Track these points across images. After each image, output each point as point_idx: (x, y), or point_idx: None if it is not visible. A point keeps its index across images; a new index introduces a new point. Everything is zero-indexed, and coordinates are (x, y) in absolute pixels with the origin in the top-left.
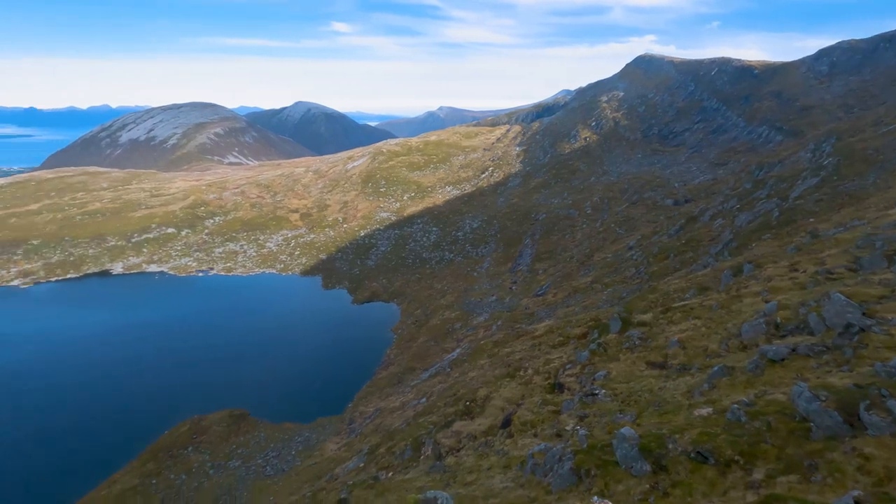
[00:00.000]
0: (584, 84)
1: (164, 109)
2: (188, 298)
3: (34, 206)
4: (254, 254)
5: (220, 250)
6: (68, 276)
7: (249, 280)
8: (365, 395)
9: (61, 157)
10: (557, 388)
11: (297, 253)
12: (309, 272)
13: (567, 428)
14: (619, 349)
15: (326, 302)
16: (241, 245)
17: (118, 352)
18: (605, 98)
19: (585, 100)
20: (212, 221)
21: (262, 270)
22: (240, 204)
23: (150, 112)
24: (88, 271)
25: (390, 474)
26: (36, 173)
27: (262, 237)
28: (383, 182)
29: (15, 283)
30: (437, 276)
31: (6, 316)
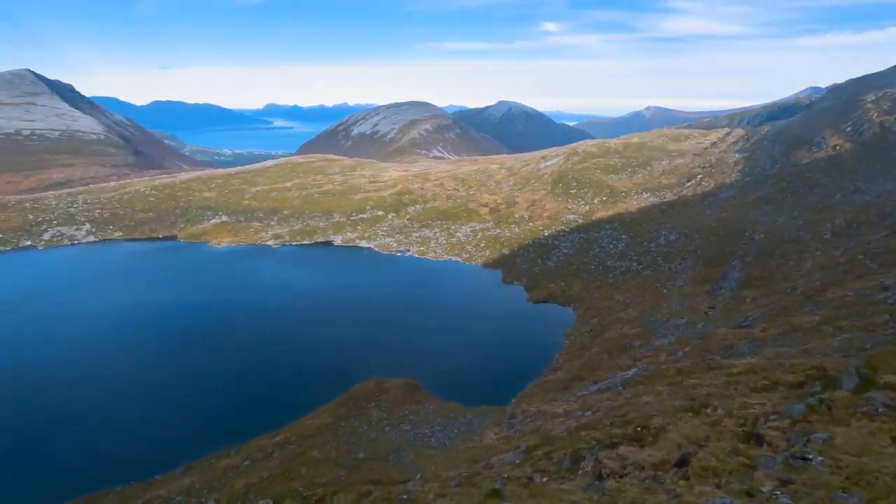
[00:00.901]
0: (841, 80)
1: (387, 107)
2: (387, 272)
3: (288, 184)
4: (444, 241)
5: (417, 235)
6: (304, 242)
7: (438, 264)
8: (529, 394)
9: (309, 146)
10: (754, 438)
11: (482, 245)
12: (490, 265)
13: (763, 489)
14: (852, 412)
15: (503, 295)
16: (435, 232)
17: (329, 306)
18: (871, 97)
19: (842, 99)
20: (413, 208)
21: (449, 257)
22: (438, 195)
23: (376, 110)
24: (318, 240)
25: (545, 479)
26: (291, 158)
27: (453, 227)
28: (574, 183)
29: (269, 242)
30: (620, 286)
31: (266, 267)
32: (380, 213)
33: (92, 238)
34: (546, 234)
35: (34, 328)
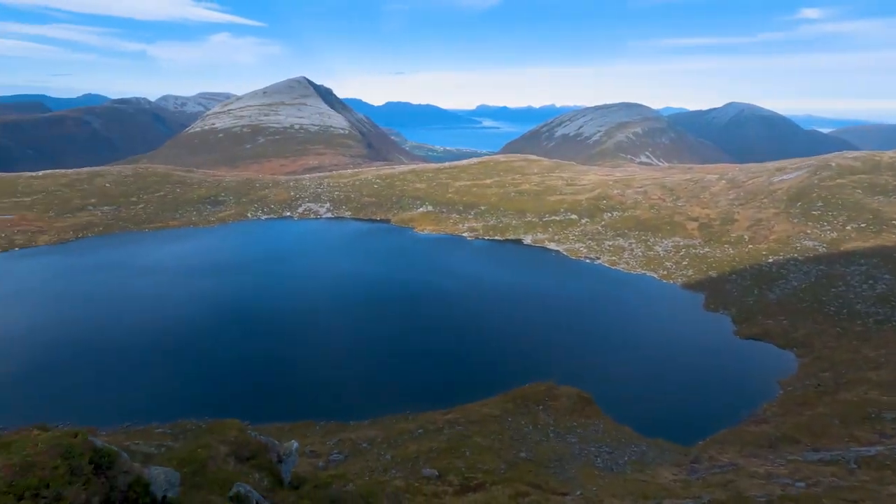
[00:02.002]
0: None
1: (595, 109)
2: (572, 277)
3: (487, 181)
4: (640, 253)
5: (610, 243)
6: (495, 237)
7: (629, 277)
8: (721, 441)
9: (512, 146)
10: None
11: (684, 263)
12: (691, 286)
13: None
14: None
15: (702, 323)
16: (630, 242)
17: (510, 302)
18: None
19: None
20: (609, 215)
21: (643, 271)
22: (639, 203)
23: (583, 111)
24: (509, 237)
25: None
26: (494, 156)
27: (651, 239)
28: (819, 203)
29: (465, 234)
30: (872, 339)
31: (459, 256)
32: (573, 216)
33: (330, 215)
34: (770, 260)
35: (285, 281)
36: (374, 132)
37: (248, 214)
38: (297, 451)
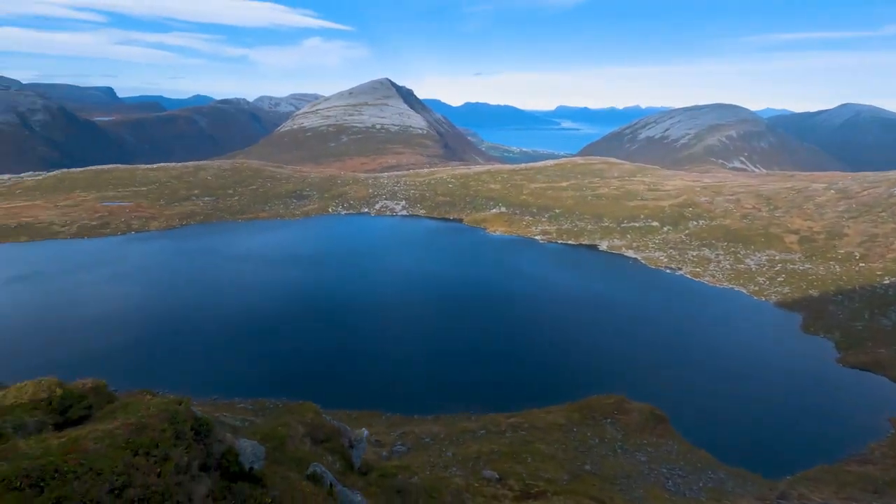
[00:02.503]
0: None
1: (684, 111)
2: (649, 287)
3: (563, 184)
4: (728, 266)
5: (694, 254)
6: (569, 241)
7: (713, 291)
8: (814, 478)
9: (591, 148)
10: None
11: (779, 279)
12: (787, 305)
13: None
14: None
15: (799, 347)
16: (717, 254)
17: (581, 308)
18: None
19: None
20: (694, 223)
21: (730, 285)
22: (730, 212)
23: (670, 113)
24: (583, 242)
25: None
26: (572, 159)
27: (742, 251)
28: None
29: (537, 237)
30: None
31: (530, 258)
32: (654, 223)
33: (404, 212)
34: (885, 281)
35: (360, 275)
36: (452, 132)
37: (330, 209)
38: (367, 439)
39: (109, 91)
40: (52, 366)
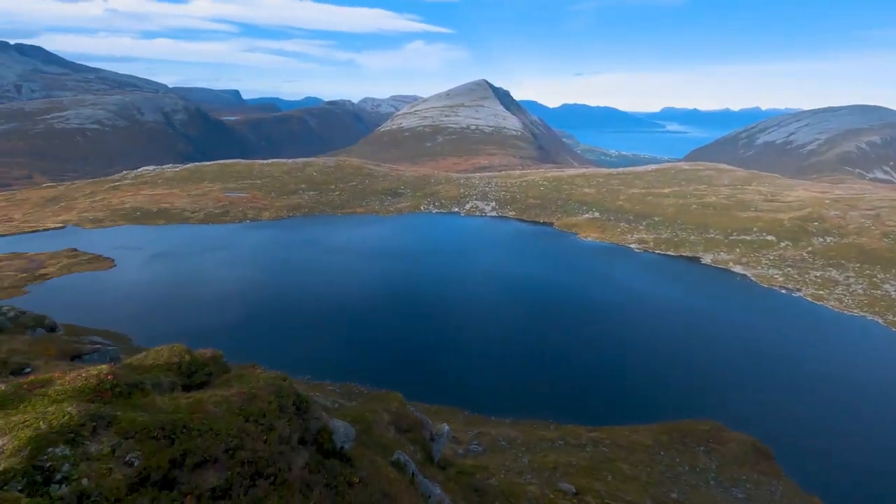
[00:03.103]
0: None
1: (814, 113)
2: (760, 308)
3: (665, 190)
4: (860, 291)
5: (817, 274)
6: (668, 252)
7: (840, 317)
8: None
9: (699, 153)
10: None
11: None
12: None
13: None
14: None
15: None
16: (847, 276)
17: (677, 325)
18: None
19: None
20: (820, 240)
21: (861, 313)
22: (866, 229)
23: (797, 115)
24: (683, 253)
25: None
26: (676, 164)
27: (880, 275)
28: None
29: (632, 245)
30: None
31: (624, 268)
32: (769, 237)
33: (494, 213)
34: None
35: (448, 273)
36: (547, 134)
37: (422, 207)
38: (447, 435)
39: (236, 94)
40: (175, 334)
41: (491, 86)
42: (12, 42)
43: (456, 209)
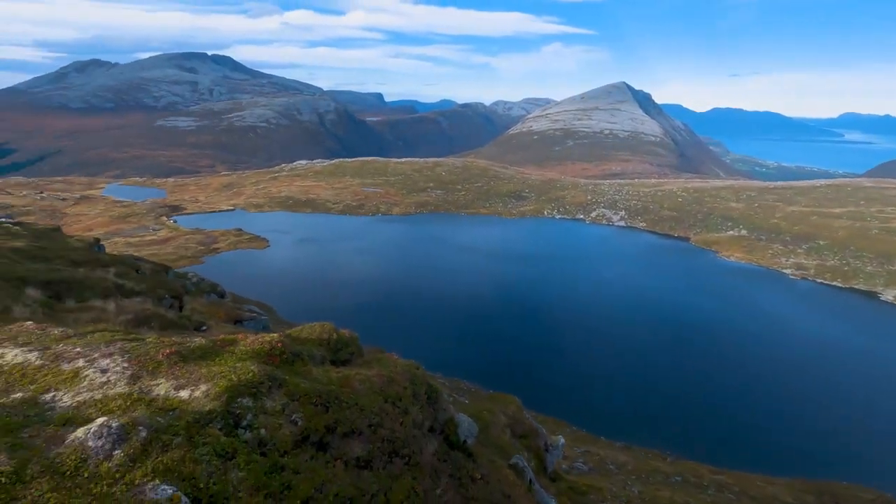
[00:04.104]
0: None
1: None
2: None
3: (836, 210)
4: None
5: None
6: (833, 282)
7: None
8: None
9: (888, 168)
10: None
11: None
12: None
13: None
14: None
15: None
16: None
17: (832, 368)
18: None
19: None
20: None
21: None
22: None
23: None
24: (854, 285)
25: None
26: (854, 180)
27: None
28: None
29: (786, 270)
30: None
31: (775, 297)
32: None
33: (622, 223)
34: None
35: (569, 280)
36: (690, 141)
37: (545, 212)
38: (562, 448)
39: (379, 96)
40: (311, 311)
41: (630, 88)
42: (209, 53)
43: (581, 216)
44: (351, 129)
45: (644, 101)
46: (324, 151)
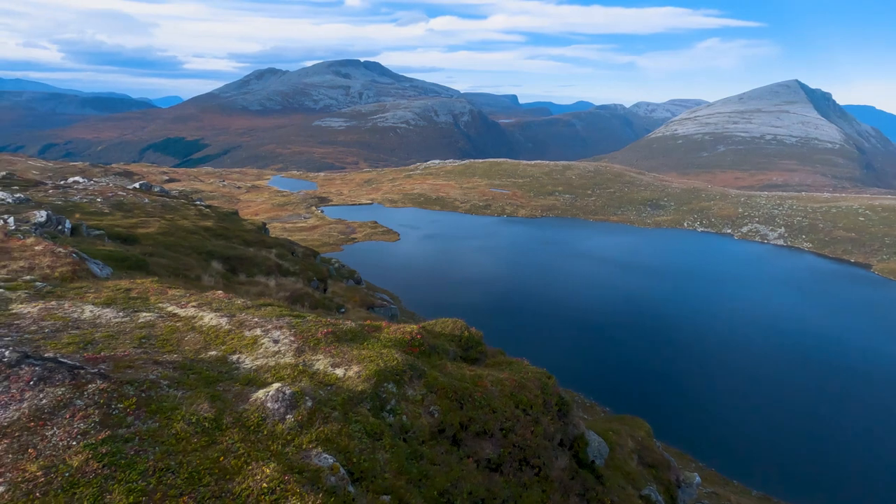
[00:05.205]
0: None
1: None
2: None
3: None
4: None
5: None
6: None
7: None
8: None
9: None
10: None
11: None
12: None
13: None
14: None
15: None
16: None
17: None
18: None
19: None
20: None
21: None
22: None
23: None
24: None
25: None
26: None
27: None
28: None
29: None
30: None
31: None
32: None
33: (780, 242)
34: None
35: (710, 304)
36: (882, 150)
37: (685, 223)
38: (697, 486)
39: (514, 98)
40: (431, 304)
41: (803, 87)
42: (362, 60)
43: (728, 230)
44: (483, 130)
45: (821, 101)
46: (456, 152)
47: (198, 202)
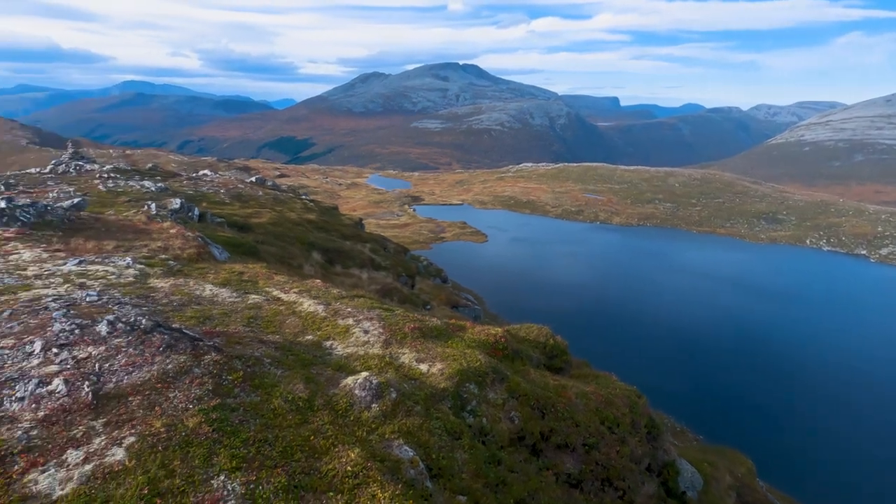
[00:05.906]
0: None
1: None
2: None
3: None
4: None
5: None
6: None
7: None
8: None
9: None
10: None
11: None
12: None
13: None
14: None
15: None
16: None
17: None
18: None
19: None
20: None
21: None
22: None
23: None
24: None
25: None
26: None
27: None
28: None
29: None
30: None
31: None
32: None
33: None
34: None
35: (830, 338)
36: None
37: (807, 241)
38: None
39: (615, 101)
40: (517, 310)
41: None
42: (460, 63)
43: (863, 251)
44: (580, 133)
45: None
46: (550, 155)
47: (303, 196)
